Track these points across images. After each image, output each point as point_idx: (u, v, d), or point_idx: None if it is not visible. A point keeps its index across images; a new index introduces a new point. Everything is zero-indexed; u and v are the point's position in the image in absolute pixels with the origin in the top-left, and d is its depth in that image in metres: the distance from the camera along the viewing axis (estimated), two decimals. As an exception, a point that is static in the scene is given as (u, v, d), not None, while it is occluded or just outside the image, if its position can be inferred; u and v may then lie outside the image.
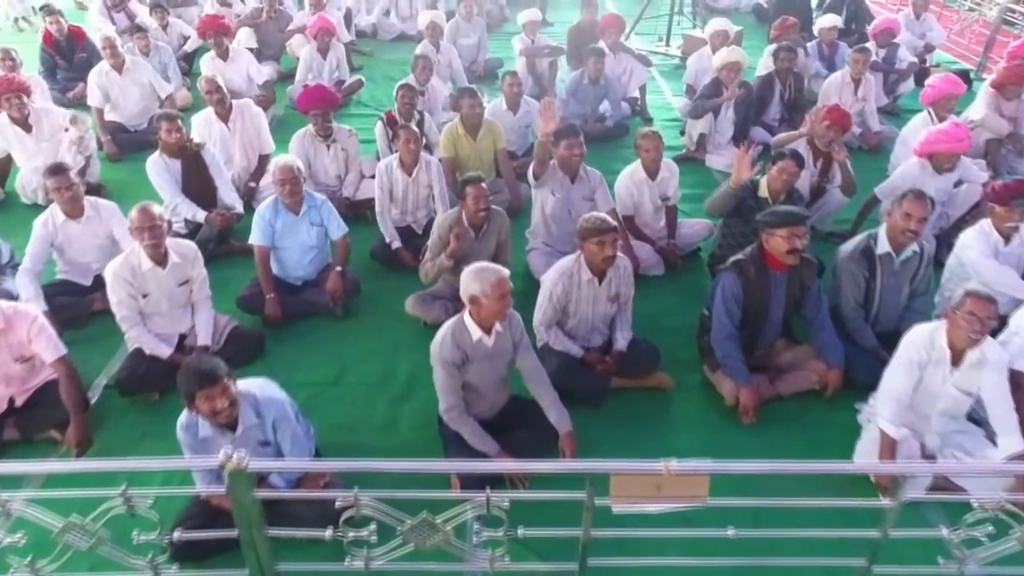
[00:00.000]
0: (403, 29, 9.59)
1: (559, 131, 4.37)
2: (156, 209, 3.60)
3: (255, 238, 4.17)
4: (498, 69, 8.31)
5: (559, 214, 4.53)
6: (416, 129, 4.77)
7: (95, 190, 5.71)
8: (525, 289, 4.52)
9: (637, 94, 7.29)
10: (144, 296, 3.70)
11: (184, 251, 3.79)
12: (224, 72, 6.72)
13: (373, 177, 5.47)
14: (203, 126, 5.35)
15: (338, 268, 4.28)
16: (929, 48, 8.18)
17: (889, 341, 3.76)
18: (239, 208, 4.95)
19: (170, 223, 3.71)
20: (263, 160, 5.54)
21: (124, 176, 5.97)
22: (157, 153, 4.80)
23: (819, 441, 3.53)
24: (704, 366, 3.86)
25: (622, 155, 6.51)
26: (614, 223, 3.53)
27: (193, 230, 4.82)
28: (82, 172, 5.51)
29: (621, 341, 3.79)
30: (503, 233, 4.21)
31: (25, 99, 5.29)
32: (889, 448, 3.09)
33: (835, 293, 3.87)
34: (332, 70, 7.36)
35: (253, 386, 2.86)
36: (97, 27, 7.80)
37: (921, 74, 7.65)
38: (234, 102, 5.41)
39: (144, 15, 8.13)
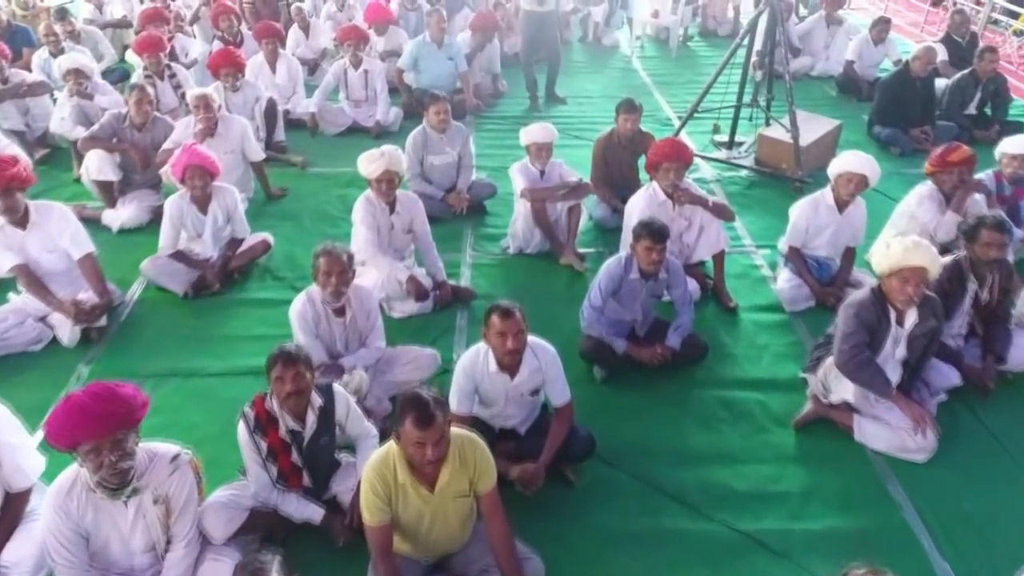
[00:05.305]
0: (355, 118, 6.77)
1: None
2: None
3: None
4: (487, 198, 5.54)
5: None
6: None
7: None
8: None
9: (709, 258, 4.54)
10: None
11: None
12: (23, 248, 4.01)
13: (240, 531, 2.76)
14: None
15: None
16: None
17: None
18: None
19: None
20: (15, 502, 2.77)
21: None
22: None
23: None
24: None
25: (697, 409, 3.70)
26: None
27: None
28: None
29: None
30: None
31: None
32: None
33: None
34: (219, 227, 4.56)
35: None
36: None
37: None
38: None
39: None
